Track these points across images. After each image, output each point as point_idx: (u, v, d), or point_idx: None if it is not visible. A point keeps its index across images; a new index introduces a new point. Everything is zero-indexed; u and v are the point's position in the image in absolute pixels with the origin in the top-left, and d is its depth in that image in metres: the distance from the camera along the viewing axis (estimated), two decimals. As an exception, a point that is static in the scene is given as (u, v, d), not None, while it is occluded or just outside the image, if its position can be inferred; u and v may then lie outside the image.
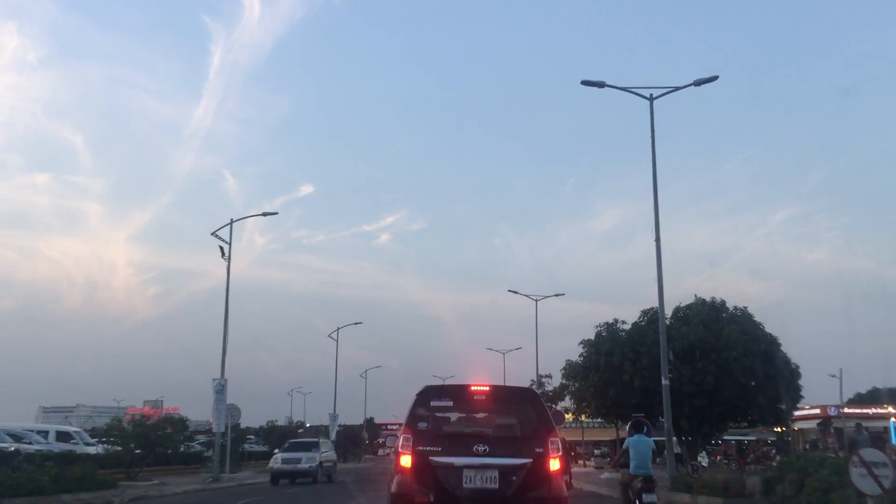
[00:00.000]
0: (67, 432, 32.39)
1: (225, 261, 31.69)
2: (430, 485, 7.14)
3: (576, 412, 44.60)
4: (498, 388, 8.41)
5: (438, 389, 8.32)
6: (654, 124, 20.83)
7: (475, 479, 7.11)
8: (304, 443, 28.33)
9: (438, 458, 7.18)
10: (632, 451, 10.97)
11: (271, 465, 26.03)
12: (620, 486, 11.66)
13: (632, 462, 10.93)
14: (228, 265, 31.82)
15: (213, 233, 31.68)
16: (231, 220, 32.34)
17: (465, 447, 7.27)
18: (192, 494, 21.71)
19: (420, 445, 7.27)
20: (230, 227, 32.14)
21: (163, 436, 26.35)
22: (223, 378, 30.22)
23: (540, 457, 7.24)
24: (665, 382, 19.63)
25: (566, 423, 52.25)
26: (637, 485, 10.77)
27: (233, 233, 32.15)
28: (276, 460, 26.08)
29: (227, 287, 31.93)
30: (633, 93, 21.01)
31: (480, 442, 7.31)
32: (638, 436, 11.07)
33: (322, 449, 26.92)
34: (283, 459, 25.56)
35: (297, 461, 25.11)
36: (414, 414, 7.62)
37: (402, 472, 7.31)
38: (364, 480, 28.33)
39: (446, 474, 7.14)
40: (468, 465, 7.13)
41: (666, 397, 19.53)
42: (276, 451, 29.58)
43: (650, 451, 11.05)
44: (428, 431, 7.56)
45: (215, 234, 31.59)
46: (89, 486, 17.66)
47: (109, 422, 26.38)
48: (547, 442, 7.33)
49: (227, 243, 31.74)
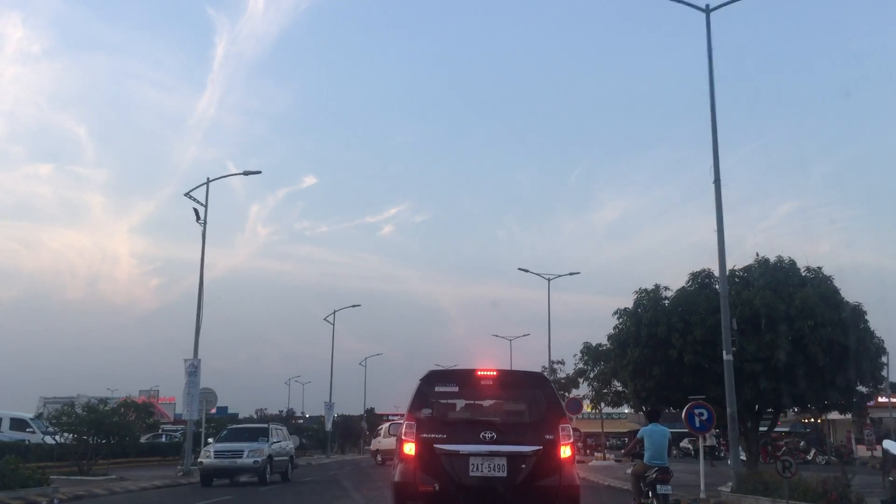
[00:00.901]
0: (23, 420, 28.85)
1: (200, 224, 27.66)
2: (435, 473, 6.97)
3: (595, 399, 40.74)
4: (506, 373, 8.22)
5: (443, 374, 8.11)
6: (710, 39, 16.98)
7: (482, 466, 6.92)
8: (248, 430, 22.44)
9: (444, 446, 6.99)
10: (647, 441, 10.57)
11: (201, 458, 19.99)
12: (632, 477, 11.23)
13: (646, 452, 10.53)
14: (204, 230, 27.98)
15: (186, 193, 27.73)
16: (207, 180, 28.47)
17: (471, 434, 7.08)
18: (148, 493, 18.17)
19: (424, 432, 7.09)
20: (206, 188, 28.17)
21: (120, 423, 22.47)
22: (196, 358, 26.32)
23: (550, 444, 7.04)
24: (728, 357, 15.66)
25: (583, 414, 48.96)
26: (651, 476, 10.30)
27: (209, 195, 28.14)
28: (207, 453, 19.88)
29: (203, 255, 28.09)
30: (688, 4, 17.16)
31: (488, 429, 7.11)
32: (653, 424, 10.74)
33: (274, 438, 21.11)
34: (218, 452, 19.52)
35: (237, 454, 19.31)
36: (418, 400, 7.41)
37: (405, 461, 7.12)
38: (352, 477, 24.25)
39: (452, 462, 6.96)
40: (475, 453, 6.95)
41: (729, 376, 15.57)
42: (209, 441, 24.03)
43: (666, 441, 10.66)
44: (432, 418, 7.34)
45: (189, 196, 27.63)
46: (9, 483, 14.91)
47: (60, 407, 22.40)
48: (558, 428, 7.14)
49: (202, 205, 27.76)
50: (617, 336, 19.76)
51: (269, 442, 20.45)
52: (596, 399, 40.74)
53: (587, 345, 41.56)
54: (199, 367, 26.50)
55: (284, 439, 22.79)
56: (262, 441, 20.35)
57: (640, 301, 19.30)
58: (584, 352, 41.44)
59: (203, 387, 27.74)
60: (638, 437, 11.06)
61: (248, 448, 19.48)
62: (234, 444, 20.02)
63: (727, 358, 15.51)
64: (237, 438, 20.61)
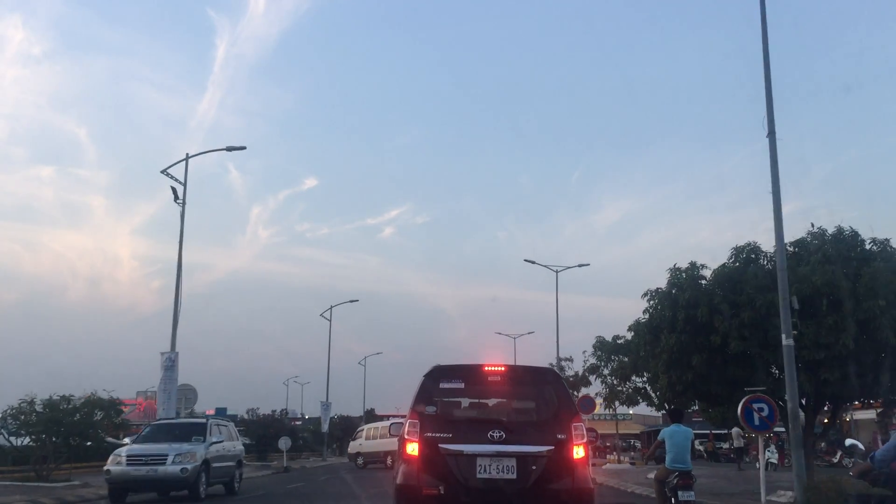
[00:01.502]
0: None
1: (178, 204, 25.12)
2: (440, 475, 6.61)
3: (609, 398, 38.11)
4: (515, 369, 7.90)
5: (449, 369, 7.45)
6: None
7: (490, 468, 6.57)
8: (177, 426, 17.10)
9: (449, 446, 6.67)
10: (668, 443, 10.01)
11: (108, 466, 15.07)
12: (655, 483, 10.64)
13: (668, 455, 9.99)
14: (182, 210, 25.43)
15: (164, 170, 25.20)
16: (187, 156, 25.98)
17: (478, 433, 6.74)
18: (103, 501, 15.81)
19: (428, 431, 6.76)
20: (185, 165, 25.68)
21: (82, 422, 19.88)
22: (173, 351, 23.73)
23: (562, 444, 6.71)
24: (788, 342, 13.07)
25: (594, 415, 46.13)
26: (673, 481, 9.78)
27: (188, 172, 25.65)
28: (117, 458, 14.95)
29: (181, 236, 25.55)
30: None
31: (496, 427, 6.76)
32: (675, 425, 10.22)
33: (213, 437, 16.37)
34: (133, 458, 14.83)
35: (159, 460, 14.68)
36: (421, 397, 7.07)
37: (408, 462, 6.78)
38: (332, 486, 21.32)
39: (458, 463, 6.63)
40: (482, 454, 6.61)
41: (790, 364, 12.99)
42: (125, 439, 20.11)
43: (689, 442, 10.13)
44: (437, 416, 7.00)
45: (166, 173, 25.10)
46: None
47: (17, 404, 19.81)
48: (570, 427, 6.81)
49: (180, 184, 25.22)
50: (648, 322, 17.09)
51: (205, 443, 15.81)
52: (610, 397, 38.17)
53: (600, 339, 39.08)
54: (176, 360, 23.96)
55: (230, 439, 18.13)
56: (197, 442, 15.75)
57: (676, 280, 16.65)
58: (597, 346, 38.95)
59: (183, 383, 25.24)
60: (659, 440, 10.38)
61: (174, 452, 14.85)
62: (155, 445, 15.42)
63: (787, 343, 12.90)
64: (161, 438, 15.93)
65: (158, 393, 23.74)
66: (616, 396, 36.66)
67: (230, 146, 26.40)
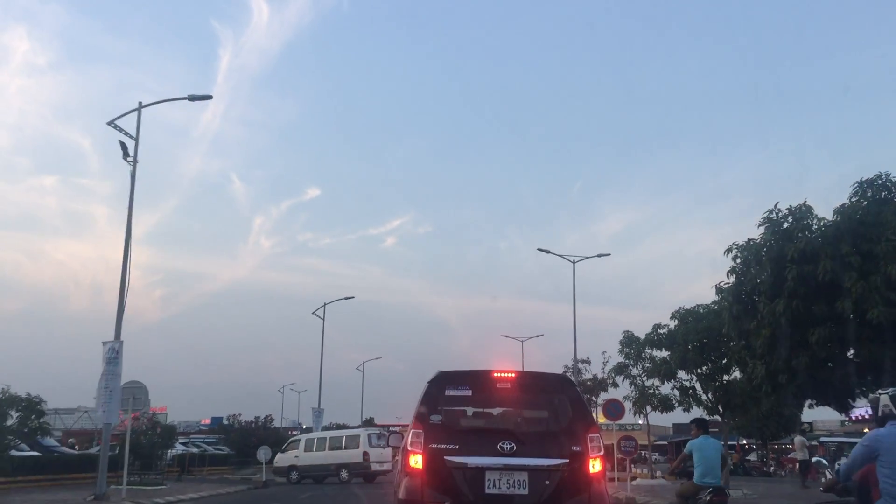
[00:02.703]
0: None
1: (128, 163, 20.46)
2: (446, 489, 6.14)
3: (639, 403, 33.27)
4: (526, 375, 7.22)
5: (455, 376, 6.95)
6: None
7: (500, 482, 6.12)
8: None
9: (455, 458, 6.17)
10: (696, 457, 9.06)
11: None
12: (678, 499, 9.60)
13: (696, 469, 9.06)
14: (133, 169, 20.65)
15: (111, 122, 20.57)
16: (139, 105, 21.16)
17: (487, 445, 6.23)
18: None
19: (433, 443, 6.25)
20: (137, 117, 21.04)
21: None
22: (117, 340, 19.00)
23: (578, 456, 6.23)
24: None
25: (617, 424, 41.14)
26: (705, 498, 8.87)
27: (141, 124, 21.05)
28: None
29: (131, 203, 20.90)
30: None
31: (506, 439, 6.23)
32: (703, 437, 9.23)
33: None
34: None
35: None
36: (425, 405, 6.54)
37: (411, 475, 6.27)
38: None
39: (465, 477, 6.14)
40: (492, 467, 6.13)
41: None
42: None
43: (719, 455, 9.19)
44: (442, 426, 6.46)
45: (114, 125, 20.48)
46: None
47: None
48: (586, 439, 6.30)
49: (131, 138, 20.56)
50: (735, 287, 12.39)
51: None
52: (640, 401, 33.31)
53: (628, 334, 34.28)
54: (120, 352, 19.23)
55: None
56: None
57: (777, 227, 11.94)
58: (624, 343, 34.14)
59: (131, 380, 20.51)
60: (685, 452, 9.51)
61: None
62: None
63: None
64: None
65: (98, 391, 18.98)
66: (647, 400, 31.83)
67: (192, 95, 21.77)
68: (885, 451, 4.56)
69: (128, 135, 20.97)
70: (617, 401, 29.25)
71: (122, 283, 19.70)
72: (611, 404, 28.17)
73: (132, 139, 20.96)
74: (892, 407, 4.82)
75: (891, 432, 4.61)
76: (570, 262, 36.75)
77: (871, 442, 4.67)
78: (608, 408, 27.92)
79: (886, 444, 4.56)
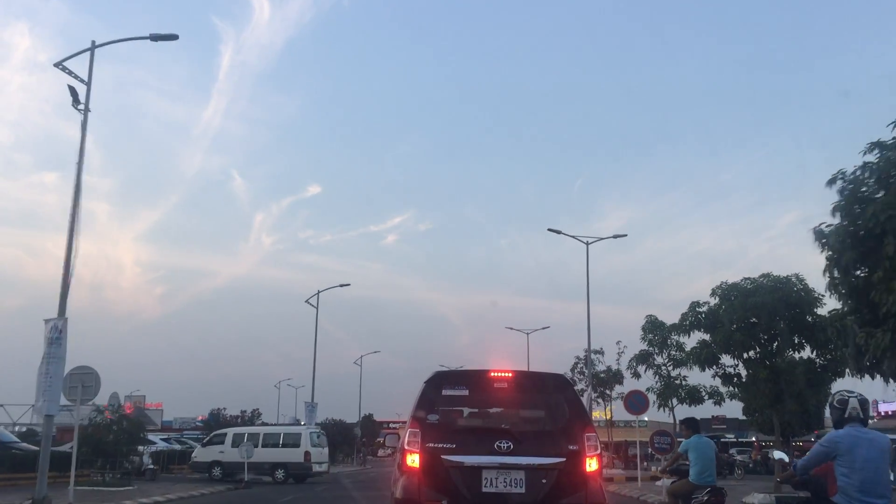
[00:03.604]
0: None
1: (78, 110, 17.46)
2: (443, 488, 6.17)
3: (664, 394, 30.17)
4: (523, 375, 7.45)
5: (452, 375, 7.32)
6: None
7: (497, 481, 6.16)
8: None
9: (452, 457, 6.22)
10: (692, 455, 9.21)
11: None
12: (669, 497, 9.70)
13: (693, 468, 9.16)
14: (85, 118, 17.60)
15: (58, 63, 17.58)
16: (92, 45, 18.12)
17: (484, 444, 6.27)
18: None
19: (430, 442, 6.29)
20: (90, 56, 18.03)
21: None
22: (61, 318, 15.91)
23: (574, 455, 6.28)
24: None
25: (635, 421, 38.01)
26: (703, 498, 8.90)
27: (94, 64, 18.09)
28: None
29: (81, 157, 17.82)
30: None
31: (503, 438, 6.28)
32: (697, 437, 9.38)
33: None
34: None
35: None
36: (422, 404, 6.61)
37: (408, 474, 6.29)
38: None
39: (462, 476, 6.19)
40: (488, 466, 6.18)
41: None
42: None
43: (714, 454, 9.39)
44: (439, 425, 6.52)
45: (62, 66, 17.46)
46: None
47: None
48: (583, 438, 6.36)
49: (82, 82, 17.53)
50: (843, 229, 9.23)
51: None
52: (665, 394, 30.22)
53: (652, 319, 31.25)
54: (65, 331, 16.19)
55: None
56: None
57: None
58: (647, 328, 31.08)
59: (80, 365, 17.46)
60: (680, 451, 9.71)
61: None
62: None
63: None
64: None
65: (38, 377, 15.91)
66: (674, 392, 28.77)
67: (154, 34, 18.62)
68: (843, 452, 4.88)
69: (79, 79, 17.95)
70: (640, 392, 26.04)
71: (67, 253, 16.67)
72: (633, 396, 25.00)
73: (84, 84, 17.93)
74: (859, 410, 4.99)
75: (849, 434, 4.90)
76: (583, 244, 33.97)
77: (829, 444, 4.98)
78: (630, 400, 24.79)
79: (844, 446, 4.89)
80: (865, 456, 4.79)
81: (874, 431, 5.01)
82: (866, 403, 5.05)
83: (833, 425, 5.11)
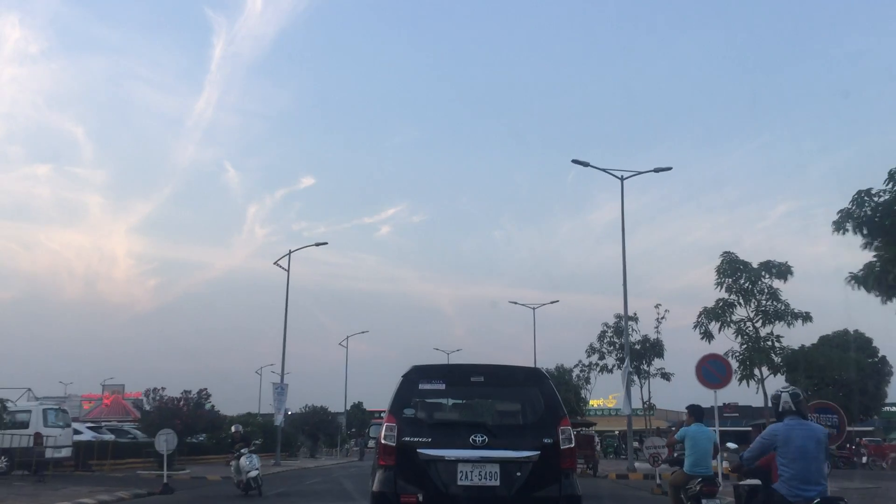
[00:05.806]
0: None
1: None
2: (419, 482, 6.35)
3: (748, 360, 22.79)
4: (499, 369, 7.32)
5: (428, 370, 7.19)
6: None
7: (472, 475, 6.33)
8: None
9: (428, 451, 6.38)
10: (688, 445, 9.26)
11: None
12: (670, 489, 9.81)
13: (687, 458, 9.25)
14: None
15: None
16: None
17: (459, 438, 6.46)
18: None
19: (406, 436, 6.46)
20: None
21: None
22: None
23: (549, 449, 6.43)
24: None
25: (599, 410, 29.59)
26: (695, 488, 8.90)
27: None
28: None
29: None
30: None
31: (478, 431, 6.45)
32: (696, 425, 9.41)
33: None
34: None
35: None
36: (399, 399, 6.74)
37: (385, 468, 6.47)
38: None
39: (438, 469, 6.36)
40: (464, 459, 6.34)
41: None
42: None
43: (711, 444, 9.34)
44: (416, 419, 6.75)
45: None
46: None
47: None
48: (557, 431, 6.51)
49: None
50: None
51: None
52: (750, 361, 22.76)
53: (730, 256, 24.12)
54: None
55: None
56: None
57: None
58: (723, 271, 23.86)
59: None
60: (676, 438, 9.78)
61: None
62: None
63: None
64: None
65: None
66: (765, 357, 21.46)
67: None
68: (782, 443, 5.39)
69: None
70: (719, 357, 18.03)
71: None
72: (709, 362, 17.14)
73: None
74: (791, 404, 5.46)
75: (788, 426, 5.40)
76: (617, 179, 28.24)
77: (769, 437, 5.48)
78: (705, 368, 16.94)
79: (782, 437, 5.38)
80: (801, 446, 5.25)
81: (811, 423, 5.53)
82: (798, 397, 5.50)
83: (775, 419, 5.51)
